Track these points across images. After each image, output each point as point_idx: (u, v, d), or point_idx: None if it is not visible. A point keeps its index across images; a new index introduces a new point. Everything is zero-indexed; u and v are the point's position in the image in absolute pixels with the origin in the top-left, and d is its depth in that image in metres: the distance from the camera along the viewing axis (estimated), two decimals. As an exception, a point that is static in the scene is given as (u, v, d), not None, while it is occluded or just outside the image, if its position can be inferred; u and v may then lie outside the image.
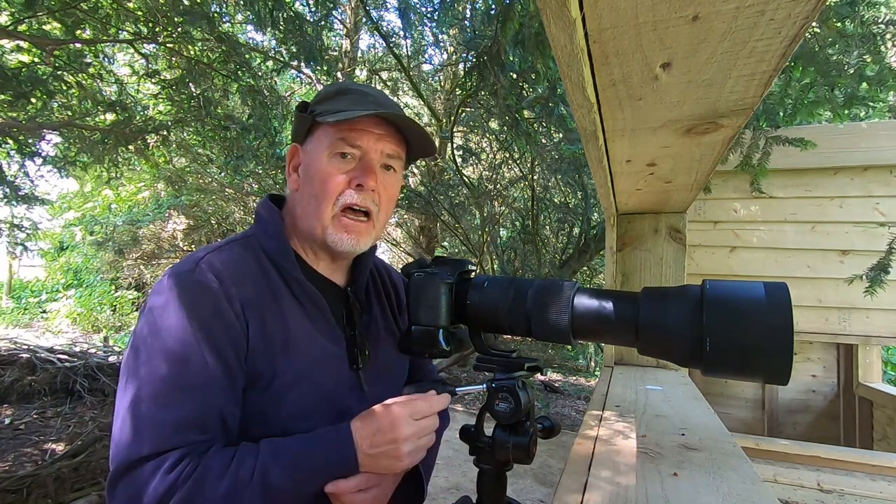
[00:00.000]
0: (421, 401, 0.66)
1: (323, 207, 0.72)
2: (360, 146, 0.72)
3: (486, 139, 5.59)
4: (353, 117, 0.69)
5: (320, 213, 0.72)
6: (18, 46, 3.50)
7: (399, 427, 0.63)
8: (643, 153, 1.08)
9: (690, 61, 0.65)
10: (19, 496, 2.74)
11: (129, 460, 0.57)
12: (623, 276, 1.85)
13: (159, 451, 0.57)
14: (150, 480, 0.55)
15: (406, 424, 0.63)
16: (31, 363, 4.51)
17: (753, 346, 0.48)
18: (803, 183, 2.90)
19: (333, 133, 0.72)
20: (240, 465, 0.59)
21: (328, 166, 0.72)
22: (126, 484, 0.56)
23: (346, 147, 0.71)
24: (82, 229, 9.35)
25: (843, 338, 2.82)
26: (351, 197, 0.72)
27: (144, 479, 0.56)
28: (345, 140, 0.71)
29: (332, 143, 0.72)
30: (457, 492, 3.26)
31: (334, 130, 0.72)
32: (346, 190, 0.72)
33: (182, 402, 0.59)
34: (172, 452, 0.57)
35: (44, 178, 7.71)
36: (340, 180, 0.71)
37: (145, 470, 0.56)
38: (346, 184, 0.72)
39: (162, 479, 0.55)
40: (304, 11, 3.92)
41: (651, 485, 0.80)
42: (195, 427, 0.59)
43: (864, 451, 2.26)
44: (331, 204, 0.71)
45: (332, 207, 0.72)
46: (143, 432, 0.57)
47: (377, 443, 0.63)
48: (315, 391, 0.70)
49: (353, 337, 0.77)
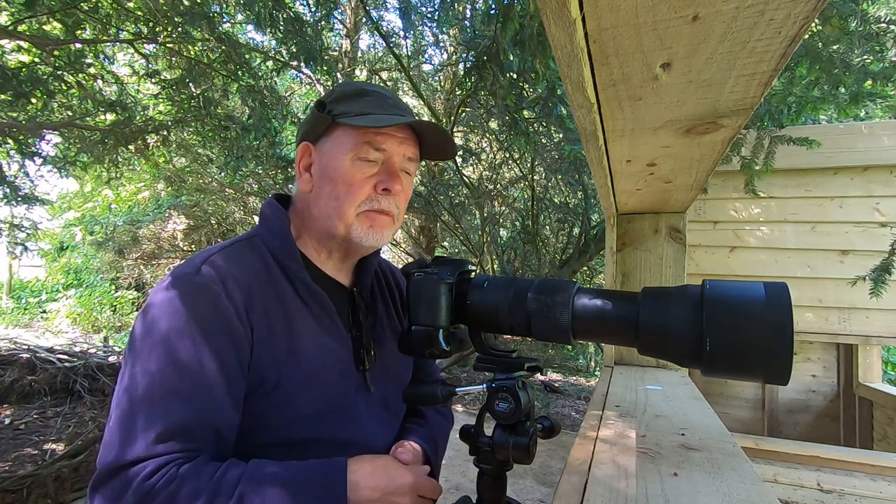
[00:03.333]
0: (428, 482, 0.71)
1: (346, 208, 0.71)
2: (385, 149, 0.73)
3: (486, 139, 5.59)
4: (385, 125, 0.69)
5: (343, 213, 0.72)
6: (18, 46, 3.50)
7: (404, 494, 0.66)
8: (643, 153, 1.08)
9: (690, 61, 0.65)
10: (19, 496, 2.74)
11: (113, 465, 0.56)
12: (623, 276, 1.84)
13: (144, 457, 0.55)
14: (128, 487, 0.54)
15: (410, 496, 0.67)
16: (31, 363, 4.51)
17: (753, 347, 0.48)
18: (803, 183, 2.90)
19: (358, 136, 0.72)
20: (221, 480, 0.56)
21: (353, 169, 0.71)
22: (107, 489, 0.55)
23: (371, 151, 0.72)
24: (82, 229, 9.35)
25: (843, 338, 2.82)
26: (377, 202, 0.72)
27: (124, 486, 0.54)
28: (370, 144, 0.71)
29: (356, 145, 0.71)
30: (457, 492, 3.26)
31: (359, 133, 0.71)
32: (372, 195, 0.72)
33: (172, 408, 0.58)
34: (154, 460, 0.56)
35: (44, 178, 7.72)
36: (365, 184, 0.72)
37: (127, 476, 0.55)
38: (371, 188, 0.72)
39: (139, 486, 0.54)
40: (303, 12, 3.92)
41: (651, 485, 0.79)
42: (183, 435, 0.58)
43: (864, 451, 2.26)
44: (355, 206, 0.72)
45: (356, 209, 0.72)
46: (128, 437, 0.56)
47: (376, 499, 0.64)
48: (321, 393, 0.69)
49: (358, 337, 0.77)
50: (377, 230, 0.73)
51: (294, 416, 0.67)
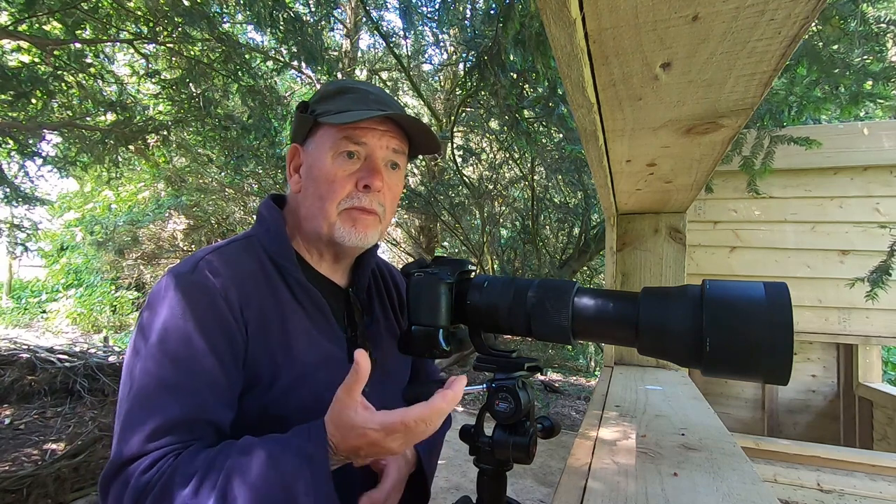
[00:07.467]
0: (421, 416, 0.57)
1: (328, 207, 0.71)
2: (366, 143, 0.72)
3: (486, 139, 5.60)
4: (359, 119, 0.68)
5: (325, 212, 0.71)
6: (18, 46, 3.50)
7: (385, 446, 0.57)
8: (643, 153, 1.08)
9: (690, 61, 0.65)
10: (19, 496, 2.74)
11: (117, 461, 0.56)
12: (623, 276, 1.84)
13: (142, 453, 0.56)
14: (127, 483, 0.55)
15: (392, 441, 0.57)
16: (31, 363, 4.51)
17: (753, 347, 0.48)
18: (803, 183, 2.90)
19: (337, 132, 0.71)
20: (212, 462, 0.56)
21: (333, 167, 0.71)
22: (115, 486, 0.56)
23: (350, 146, 0.71)
24: (82, 229, 9.35)
25: (843, 338, 2.82)
26: (358, 200, 0.71)
27: (126, 481, 0.55)
28: (349, 139, 0.71)
29: (336, 142, 0.71)
30: (457, 492, 3.26)
31: (338, 130, 0.71)
32: (353, 192, 0.71)
33: (170, 402, 0.58)
34: (150, 455, 0.56)
35: (44, 178, 7.73)
36: (347, 182, 0.71)
37: (129, 471, 0.56)
38: (352, 185, 0.71)
39: (137, 479, 0.54)
40: (304, 12, 3.92)
41: (651, 485, 0.79)
42: (182, 428, 0.58)
43: (864, 451, 2.25)
44: (336, 204, 0.71)
45: (338, 207, 0.71)
46: (129, 434, 0.57)
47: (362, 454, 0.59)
48: (315, 394, 0.69)
49: (353, 338, 0.77)
50: (360, 230, 0.72)
51: (288, 416, 0.67)
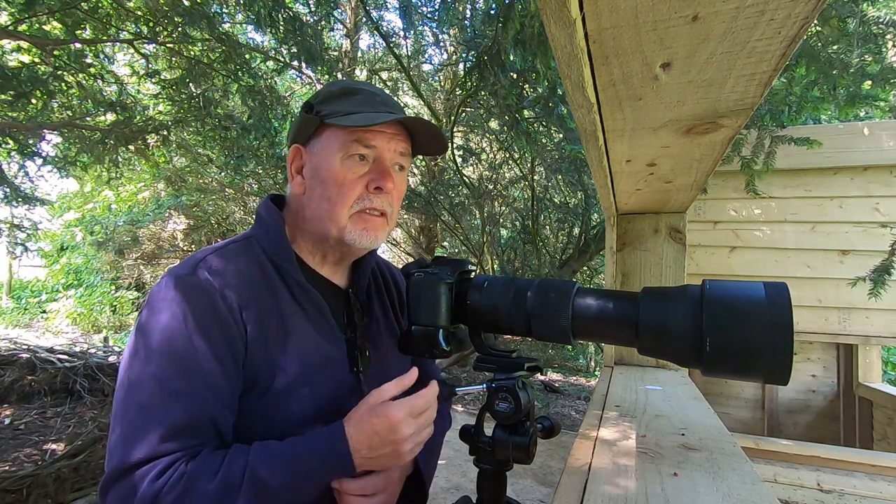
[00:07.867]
0: (417, 399, 0.65)
1: (338, 210, 0.71)
2: (375, 146, 0.72)
3: (486, 139, 5.60)
4: (374, 123, 0.69)
5: (335, 214, 0.71)
6: (18, 46, 3.50)
7: (398, 429, 0.62)
8: (643, 153, 1.08)
9: (690, 61, 0.65)
10: (19, 496, 2.74)
11: (120, 467, 0.56)
12: (623, 276, 1.84)
13: (150, 458, 0.56)
14: (138, 487, 0.55)
15: (405, 426, 0.62)
16: (31, 363, 4.51)
17: (753, 347, 0.48)
18: (803, 183, 2.90)
19: (346, 135, 0.71)
20: (229, 467, 0.57)
21: (343, 169, 0.71)
22: (117, 490, 0.56)
23: (361, 148, 0.71)
24: (82, 229, 9.35)
25: (843, 338, 2.82)
26: (369, 201, 0.72)
27: (133, 486, 0.55)
28: (359, 141, 0.71)
29: (345, 144, 0.71)
30: (457, 492, 3.26)
31: (347, 132, 0.71)
32: (364, 194, 0.72)
33: (174, 407, 0.58)
34: (162, 459, 0.56)
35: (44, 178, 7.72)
36: (357, 184, 0.71)
37: (135, 477, 0.56)
38: (362, 187, 0.72)
39: (149, 485, 0.55)
40: (304, 12, 3.92)
41: (651, 485, 0.79)
42: (186, 432, 0.59)
43: (864, 451, 2.25)
44: (347, 207, 0.71)
45: (349, 210, 0.71)
46: (133, 438, 0.57)
47: (376, 446, 0.62)
48: (314, 395, 0.69)
49: (353, 339, 0.77)
50: (371, 232, 0.73)
51: (287, 417, 0.67)
